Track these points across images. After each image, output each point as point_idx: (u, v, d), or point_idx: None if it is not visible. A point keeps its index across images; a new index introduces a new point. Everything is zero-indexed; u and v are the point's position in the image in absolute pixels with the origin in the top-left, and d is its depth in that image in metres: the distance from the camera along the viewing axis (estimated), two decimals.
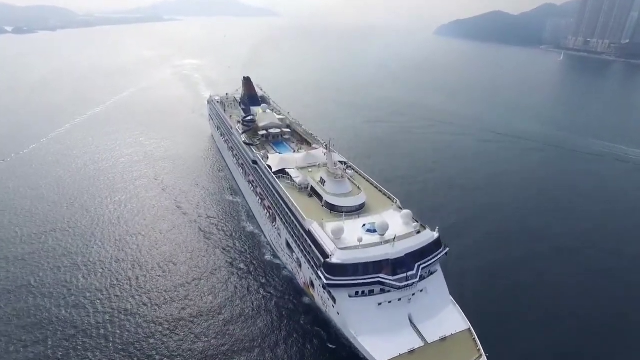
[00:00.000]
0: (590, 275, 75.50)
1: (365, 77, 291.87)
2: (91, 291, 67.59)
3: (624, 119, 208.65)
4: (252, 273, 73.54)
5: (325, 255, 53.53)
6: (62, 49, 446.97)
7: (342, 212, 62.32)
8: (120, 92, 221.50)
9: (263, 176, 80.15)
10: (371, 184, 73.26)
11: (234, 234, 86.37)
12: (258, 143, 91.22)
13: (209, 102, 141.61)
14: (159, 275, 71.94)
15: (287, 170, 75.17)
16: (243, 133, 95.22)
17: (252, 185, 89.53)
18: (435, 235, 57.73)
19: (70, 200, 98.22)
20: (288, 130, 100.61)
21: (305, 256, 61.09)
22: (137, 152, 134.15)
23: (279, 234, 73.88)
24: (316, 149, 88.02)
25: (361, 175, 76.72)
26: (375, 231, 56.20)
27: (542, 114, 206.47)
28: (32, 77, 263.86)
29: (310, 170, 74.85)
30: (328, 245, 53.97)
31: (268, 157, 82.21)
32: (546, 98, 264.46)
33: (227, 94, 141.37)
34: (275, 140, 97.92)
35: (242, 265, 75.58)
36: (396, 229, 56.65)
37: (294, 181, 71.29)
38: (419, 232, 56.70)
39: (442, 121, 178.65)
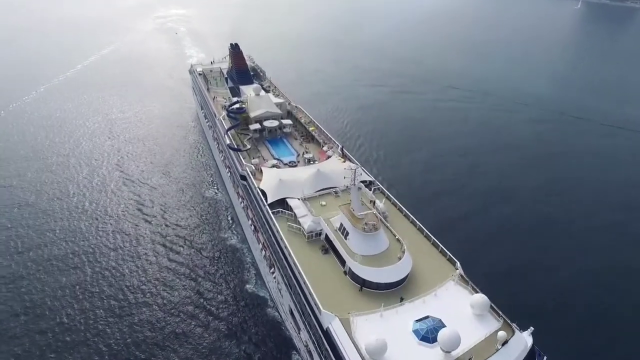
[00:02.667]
0: None
1: (371, 31, 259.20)
2: None
3: None
4: (227, 311, 57.29)
5: None
6: None
7: (379, 290, 40.53)
8: (96, 52, 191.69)
9: (255, 203, 57.50)
10: (411, 222, 50.75)
11: (209, 252, 68.16)
12: (248, 147, 67.27)
13: (190, 73, 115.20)
14: (91, 316, 55.57)
15: (288, 201, 52.35)
16: (228, 131, 70.84)
17: (242, 201, 67.31)
18: (529, 341, 36.41)
19: None
20: (289, 122, 76.39)
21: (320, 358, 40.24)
22: (101, 128, 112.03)
23: (279, 289, 52.80)
24: (329, 154, 64.67)
25: (394, 204, 54.09)
26: (434, 340, 34.67)
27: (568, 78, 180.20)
28: None
29: (323, 203, 52.00)
30: None
31: (261, 172, 59.23)
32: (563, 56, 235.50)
33: (212, 62, 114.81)
34: (272, 137, 74.19)
35: (214, 302, 58.85)
36: (467, 332, 35.01)
37: (299, 224, 48.71)
38: (505, 342, 35.14)
39: (459, 88, 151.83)
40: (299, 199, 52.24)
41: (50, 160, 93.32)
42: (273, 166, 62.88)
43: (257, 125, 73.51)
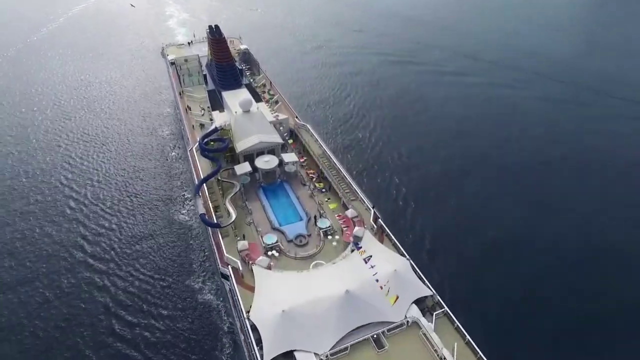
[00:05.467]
0: None
1: None
2: None
3: None
4: None
5: None
6: None
7: None
8: (63, 14, 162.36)
9: (244, 340, 35.96)
10: None
11: (170, 305, 49.02)
12: (232, 220, 43.88)
13: (163, 56, 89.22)
14: None
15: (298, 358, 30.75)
16: (201, 185, 47.10)
17: (227, 283, 45.79)
18: None
19: None
20: (294, 158, 52.83)
21: None
22: (50, 118, 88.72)
23: None
24: (356, 230, 41.98)
25: (468, 345, 32.53)
26: None
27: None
28: None
29: None
30: None
31: (251, 269, 37.42)
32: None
33: (190, 43, 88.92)
34: (269, 181, 51.29)
35: None
36: None
37: None
38: None
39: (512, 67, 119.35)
40: (315, 354, 30.62)
41: None
42: (271, 248, 41.19)
43: (246, 167, 50.26)
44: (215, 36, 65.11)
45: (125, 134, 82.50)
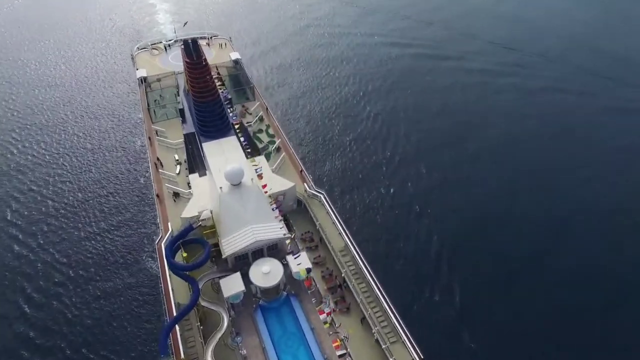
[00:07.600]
0: None
1: None
2: None
3: None
4: None
5: None
6: None
7: None
8: None
9: None
10: None
11: None
12: None
13: (133, 64, 70.93)
14: None
15: None
16: (173, 326, 31.76)
17: None
18: None
19: None
20: (304, 263, 37.06)
21: None
22: None
23: None
24: None
25: None
26: None
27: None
28: None
29: None
30: None
31: None
32: None
33: (166, 47, 70.33)
34: (271, 297, 36.25)
35: None
36: None
37: None
38: None
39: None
40: None
41: None
42: None
43: (237, 284, 34.94)
44: (193, 58, 46.65)
45: (87, 140, 66.39)
